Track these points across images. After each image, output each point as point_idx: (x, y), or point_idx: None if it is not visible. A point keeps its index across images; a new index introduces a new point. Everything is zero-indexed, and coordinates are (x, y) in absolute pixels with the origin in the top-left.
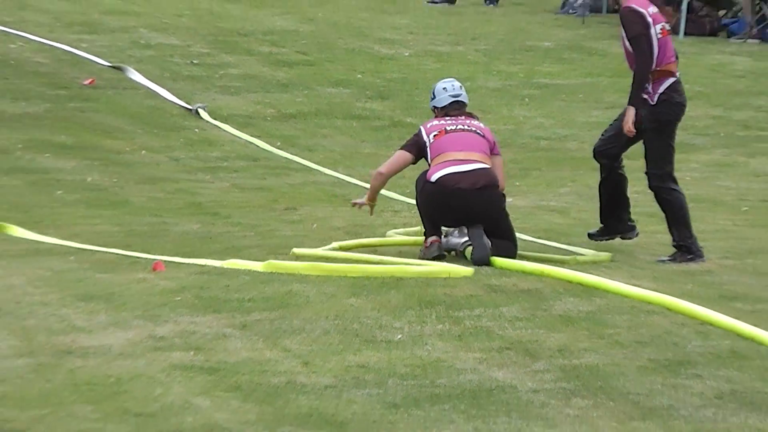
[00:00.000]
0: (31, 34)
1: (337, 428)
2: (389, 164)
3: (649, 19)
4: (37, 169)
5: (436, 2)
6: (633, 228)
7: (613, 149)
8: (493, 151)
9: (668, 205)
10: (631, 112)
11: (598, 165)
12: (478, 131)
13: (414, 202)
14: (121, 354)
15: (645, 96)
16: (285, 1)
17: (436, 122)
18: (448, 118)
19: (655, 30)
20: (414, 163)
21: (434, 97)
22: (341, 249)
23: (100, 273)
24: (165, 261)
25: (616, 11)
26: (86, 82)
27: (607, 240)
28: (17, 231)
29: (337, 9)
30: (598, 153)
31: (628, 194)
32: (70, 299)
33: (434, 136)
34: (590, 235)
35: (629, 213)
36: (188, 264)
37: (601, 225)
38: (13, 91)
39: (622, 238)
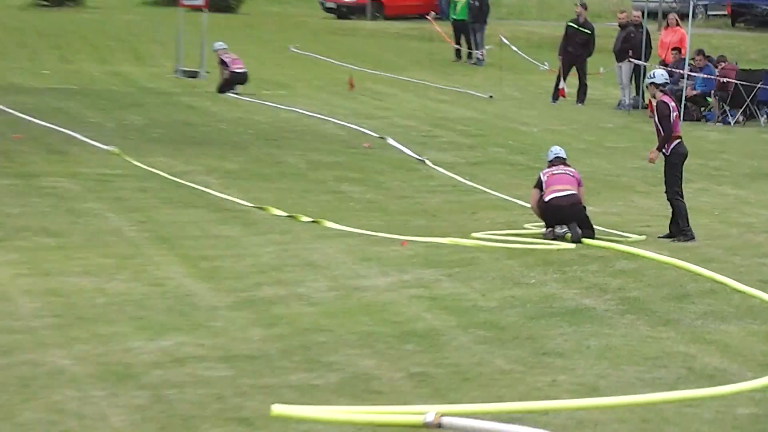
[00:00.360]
0: (336, 119)
1: (500, 330)
2: (531, 200)
3: (672, 108)
4: (339, 191)
5: (554, 103)
6: (689, 233)
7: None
8: (579, 184)
9: (677, 208)
10: (655, 153)
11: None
12: (570, 173)
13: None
14: (384, 290)
15: (664, 150)
16: (469, 102)
17: (547, 169)
18: (553, 167)
19: (673, 115)
20: (541, 193)
21: (548, 156)
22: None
23: (373, 246)
24: (408, 240)
25: (646, 108)
26: (365, 145)
27: (667, 239)
28: (327, 224)
29: (497, 106)
30: (668, 197)
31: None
32: (357, 260)
33: (547, 177)
34: (659, 237)
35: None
36: (421, 241)
37: (669, 232)
38: (326, 150)
39: (677, 240)
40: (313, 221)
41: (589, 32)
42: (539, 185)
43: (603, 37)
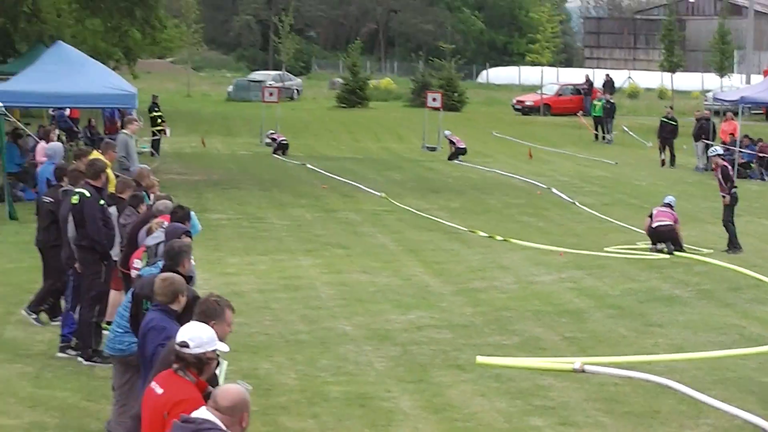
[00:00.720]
0: (520, 176)
1: (621, 309)
2: (644, 226)
3: (730, 170)
4: (521, 221)
5: (662, 168)
6: (739, 248)
7: (725, 219)
8: (675, 221)
9: (730, 232)
10: (727, 198)
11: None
12: (670, 212)
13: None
14: (549, 283)
15: (725, 195)
16: (602, 166)
17: (657, 207)
18: (661, 207)
19: (730, 174)
20: (651, 222)
21: (663, 200)
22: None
23: (542, 256)
24: (564, 251)
25: (712, 170)
26: (538, 192)
27: (725, 252)
28: (513, 241)
29: (620, 169)
30: (723, 225)
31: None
32: (532, 264)
33: (655, 212)
34: (721, 251)
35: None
36: (572, 252)
37: (726, 247)
38: (513, 195)
39: (732, 253)
40: (504, 239)
41: (675, 123)
42: (650, 216)
43: (685, 126)
